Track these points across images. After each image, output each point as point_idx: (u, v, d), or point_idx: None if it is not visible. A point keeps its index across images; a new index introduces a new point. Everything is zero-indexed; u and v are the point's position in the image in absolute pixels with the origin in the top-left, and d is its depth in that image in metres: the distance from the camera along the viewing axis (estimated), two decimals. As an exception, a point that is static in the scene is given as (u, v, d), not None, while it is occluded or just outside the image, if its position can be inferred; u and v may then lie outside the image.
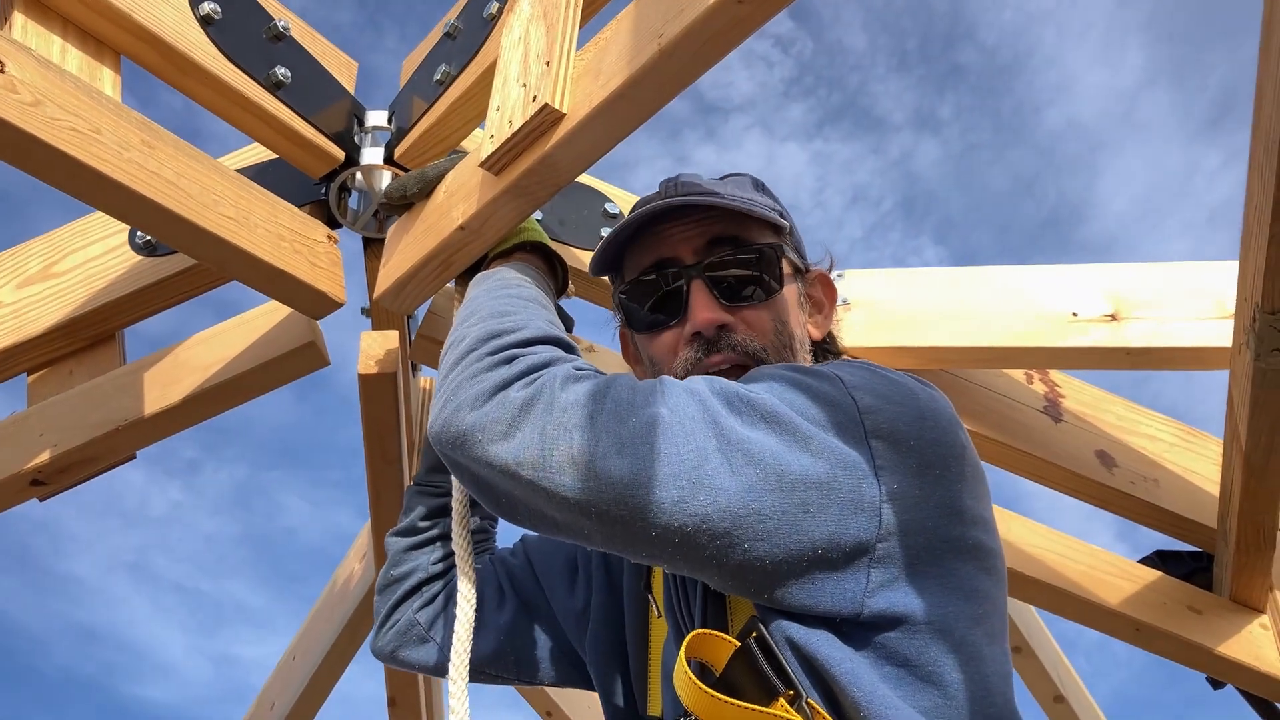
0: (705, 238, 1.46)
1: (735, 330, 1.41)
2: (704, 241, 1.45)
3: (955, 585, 1.16)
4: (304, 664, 2.85)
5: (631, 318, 1.52)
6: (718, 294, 1.42)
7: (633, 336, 1.56)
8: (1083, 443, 2.30)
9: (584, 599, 1.62)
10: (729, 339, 1.40)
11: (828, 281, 1.61)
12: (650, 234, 1.49)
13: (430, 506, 1.73)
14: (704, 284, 1.43)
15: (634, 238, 1.51)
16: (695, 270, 1.43)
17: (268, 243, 1.68)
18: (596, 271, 1.58)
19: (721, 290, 1.43)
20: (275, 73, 1.85)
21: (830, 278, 1.62)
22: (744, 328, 1.42)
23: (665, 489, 1.08)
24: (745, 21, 1.27)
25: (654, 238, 1.48)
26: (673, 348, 1.44)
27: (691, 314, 1.41)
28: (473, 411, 1.18)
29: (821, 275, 1.60)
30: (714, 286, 1.43)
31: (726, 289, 1.43)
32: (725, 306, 1.42)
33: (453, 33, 1.96)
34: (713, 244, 1.45)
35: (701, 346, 1.40)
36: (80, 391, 1.94)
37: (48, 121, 1.40)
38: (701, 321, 1.40)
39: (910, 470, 1.16)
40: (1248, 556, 2.07)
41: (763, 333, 1.42)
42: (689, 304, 1.42)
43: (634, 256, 1.52)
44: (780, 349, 1.44)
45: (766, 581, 1.11)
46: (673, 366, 1.43)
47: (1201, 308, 2.08)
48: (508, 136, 1.47)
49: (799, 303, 1.52)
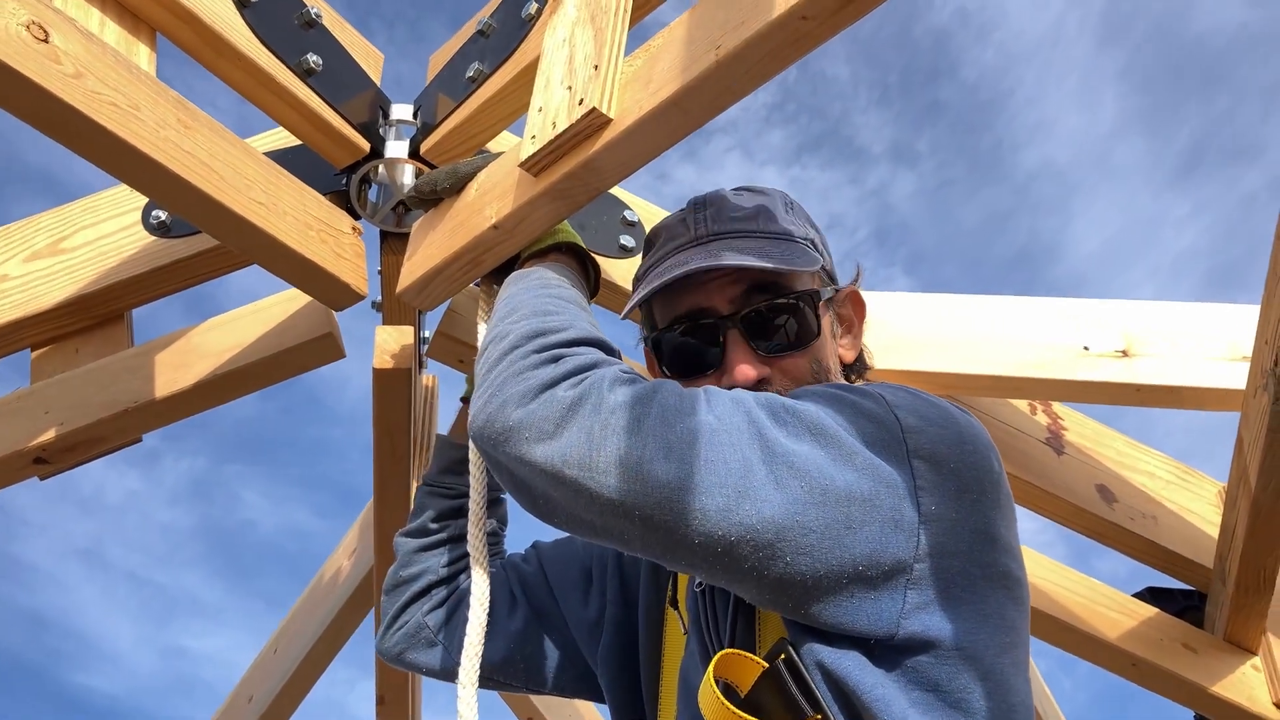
0: (741, 287, 1.42)
1: (773, 382, 1.39)
2: (740, 291, 1.42)
3: (986, 613, 1.15)
4: (285, 658, 2.82)
5: (665, 362, 1.48)
6: (755, 345, 1.40)
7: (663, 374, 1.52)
8: (1084, 476, 2.31)
9: (598, 610, 1.60)
10: (767, 390, 1.37)
11: (858, 299, 1.59)
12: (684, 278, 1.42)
13: (442, 508, 1.71)
14: (741, 335, 1.40)
15: None
16: (731, 322, 1.41)
17: (295, 230, 1.66)
18: (628, 313, 1.54)
19: (758, 341, 1.41)
20: (307, 59, 1.84)
21: (860, 294, 1.60)
22: (781, 378, 1.40)
23: (711, 496, 1.08)
24: (807, 38, 1.27)
25: (688, 282, 1.43)
26: None
27: (729, 368, 1.39)
28: (519, 409, 1.17)
29: (852, 293, 1.58)
30: (751, 338, 1.40)
31: (764, 339, 1.41)
32: (763, 358, 1.40)
33: (486, 31, 1.95)
34: (749, 293, 1.42)
35: None
36: (89, 370, 1.91)
37: (89, 95, 1.37)
38: (740, 379, 1.38)
39: (949, 493, 1.16)
40: (1246, 598, 2.08)
41: (800, 380, 1.40)
42: (726, 357, 1.40)
43: (667, 298, 1.48)
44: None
45: (805, 597, 1.10)
46: None
47: (1213, 349, 2.09)
48: (551, 138, 1.46)
49: (832, 333, 1.50)
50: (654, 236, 1.54)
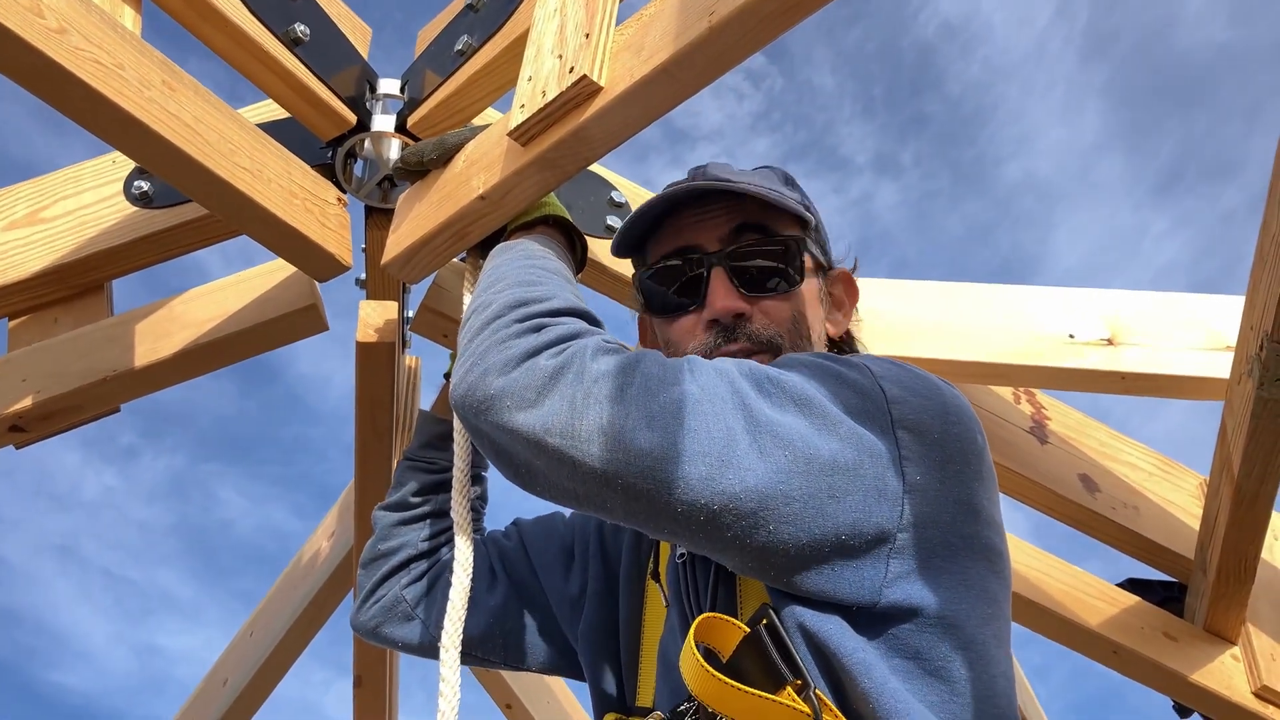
0: (730, 225, 1.45)
1: (752, 319, 1.41)
2: (728, 229, 1.45)
3: (967, 584, 1.16)
4: (261, 640, 2.79)
5: (651, 300, 1.51)
6: (738, 283, 1.42)
7: (651, 320, 1.54)
8: (1067, 465, 2.32)
9: (579, 585, 1.59)
10: (745, 328, 1.40)
11: (850, 281, 1.61)
12: (675, 219, 1.48)
13: (423, 483, 1.70)
14: (725, 272, 1.42)
15: (658, 222, 1.50)
16: (717, 258, 1.43)
17: (280, 198, 1.64)
18: (618, 253, 1.57)
19: (742, 279, 1.42)
20: (294, 29, 1.82)
21: (853, 277, 1.61)
22: (761, 317, 1.41)
23: (694, 465, 1.07)
24: (800, 5, 1.27)
25: (679, 223, 1.48)
26: (690, 332, 1.43)
27: (710, 301, 1.41)
28: (500, 377, 1.16)
29: (844, 274, 1.60)
30: (735, 275, 1.42)
31: (747, 278, 1.43)
32: (745, 296, 1.42)
33: (475, 5, 1.94)
34: (737, 232, 1.44)
35: (719, 333, 1.40)
36: (67, 339, 1.89)
37: (72, 51, 1.36)
38: (720, 309, 1.40)
39: (933, 463, 1.16)
40: (1227, 587, 2.09)
41: (780, 322, 1.42)
42: (709, 290, 1.42)
43: (658, 241, 1.51)
44: (796, 340, 1.43)
45: (788, 565, 1.10)
46: (688, 350, 1.42)
47: (1197, 338, 2.10)
48: (540, 106, 1.45)
49: (819, 298, 1.52)
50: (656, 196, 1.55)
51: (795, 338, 1.43)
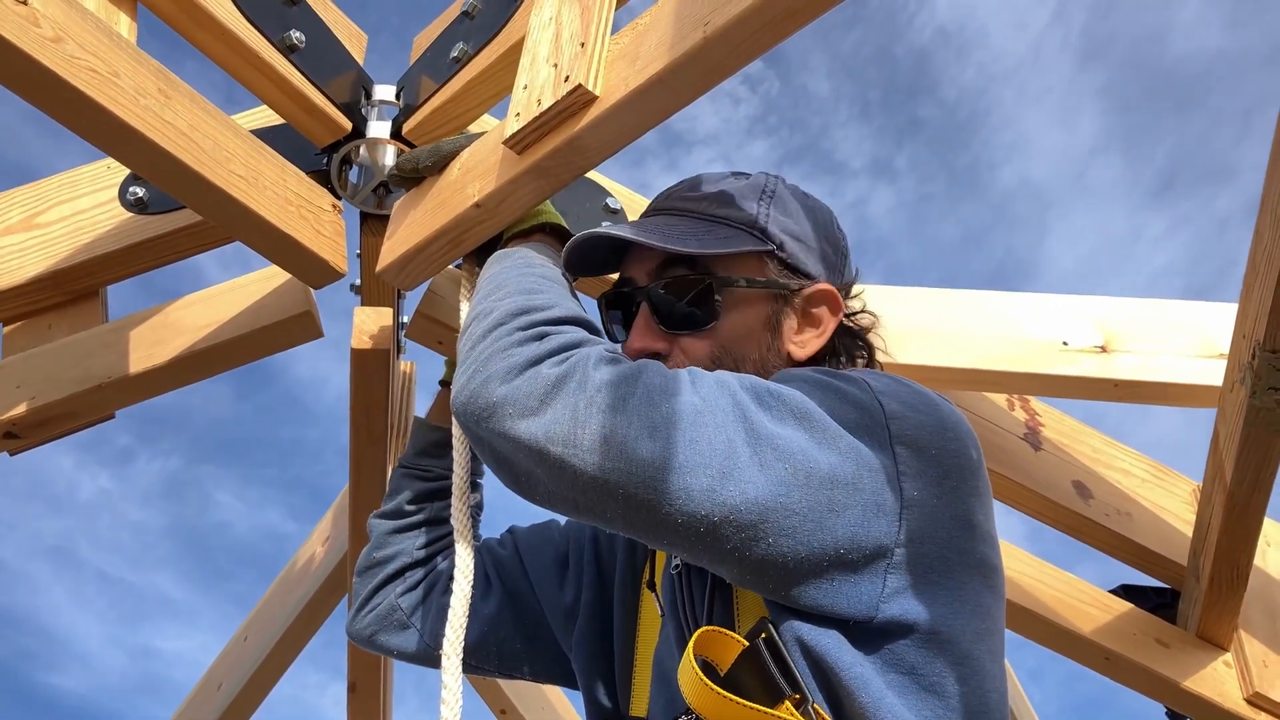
0: (656, 260, 1.43)
1: (671, 358, 1.39)
2: (655, 265, 1.43)
3: (963, 599, 1.16)
4: (256, 645, 2.79)
5: (606, 326, 1.52)
6: (659, 319, 1.41)
7: None
8: (1061, 472, 2.32)
9: (574, 595, 1.59)
10: (666, 365, 1.37)
11: (832, 297, 1.46)
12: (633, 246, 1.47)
13: (418, 490, 1.70)
14: (648, 308, 1.42)
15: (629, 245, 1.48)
16: (643, 293, 1.43)
17: (275, 205, 1.64)
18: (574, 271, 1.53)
19: (663, 316, 1.41)
20: (290, 36, 1.82)
21: (836, 294, 1.47)
22: (680, 355, 1.39)
23: (695, 476, 1.08)
24: (796, 14, 1.26)
25: (631, 251, 1.48)
26: None
27: (631, 340, 1.42)
28: (503, 384, 1.16)
29: (824, 291, 1.46)
30: (657, 311, 1.41)
31: (667, 315, 1.41)
32: (663, 334, 1.40)
33: (471, 11, 1.94)
34: (663, 267, 1.42)
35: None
36: (62, 345, 1.89)
37: (67, 59, 1.36)
38: (635, 349, 1.40)
39: (930, 479, 1.16)
40: (1219, 594, 2.09)
41: (698, 361, 1.38)
42: (633, 327, 1.43)
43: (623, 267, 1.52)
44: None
45: (786, 578, 1.10)
46: None
47: (1190, 345, 2.11)
48: (536, 115, 1.45)
49: (766, 324, 1.42)
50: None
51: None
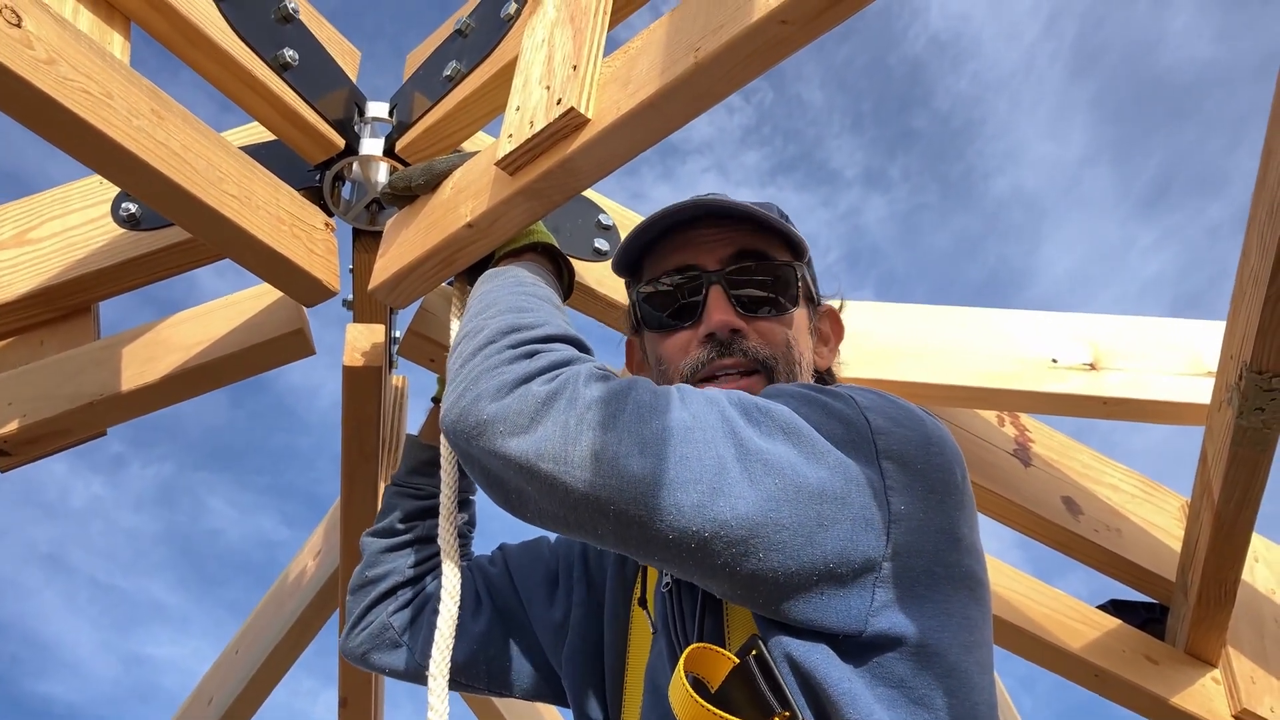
0: (729, 248, 1.48)
1: (748, 337, 1.43)
2: (728, 252, 1.47)
3: (950, 612, 1.17)
4: (247, 659, 2.79)
5: (647, 315, 1.52)
6: (735, 303, 1.44)
7: (643, 340, 1.55)
8: (1050, 488, 2.33)
9: (563, 611, 1.60)
10: (741, 344, 1.42)
11: (836, 318, 1.64)
12: (674, 239, 1.50)
13: (410, 509, 1.70)
14: (723, 290, 1.45)
15: (657, 241, 1.52)
16: (716, 276, 1.45)
17: (268, 224, 1.64)
18: (618, 270, 1.59)
19: (739, 299, 1.45)
20: (283, 54, 1.82)
21: (839, 315, 1.64)
22: (757, 336, 1.44)
23: (685, 492, 1.08)
24: (786, 42, 1.28)
25: (679, 243, 1.50)
26: (684, 347, 1.45)
27: (708, 315, 1.43)
28: (494, 402, 1.17)
29: (832, 311, 1.63)
30: (732, 295, 1.45)
31: (744, 299, 1.45)
32: (741, 315, 1.44)
33: (464, 30, 1.95)
34: (736, 255, 1.47)
35: (715, 348, 1.42)
36: (54, 362, 1.89)
37: (60, 81, 1.36)
38: (717, 322, 1.42)
39: (917, 493, 1.17)
40: (1207, 611, 2.10)
41: (775, 344, 1.44)
42: (706, 306, 1.44)
43: (656, 259, 1.53)
44: (789, 364, 1.45)
45: (776, 593, 1.11)
46: (680, 365, 1.44)
47: (1179, 363, 2.12)
48: (528, 137, 1.46)
49: (809, 328, 1.54)
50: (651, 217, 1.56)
51: (788, 362, 1.45)
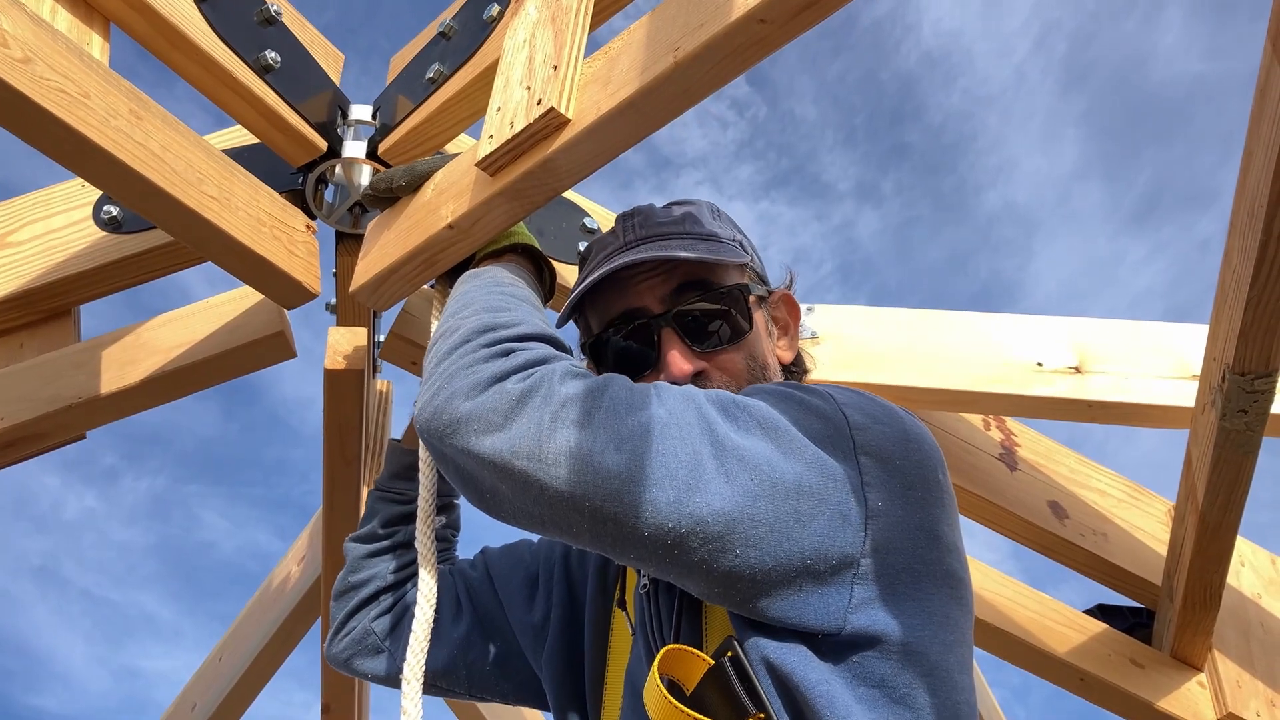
0: (671, 285, 1.43)
1: (710, 377, 1.40)
2: (670, 289, 1.43)
3: (930, 610, 1.16)
4: (230, 665, 2.77)
5: (602, 365, 1.48)
6: (690, 341, 1.41)
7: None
8: (1036, 492, 2.33)
9: (543, 613, 1.59)
10: (704, 385, 1.38)
11: (790, 301, 1.59)
12: (615, 281, 1.45)
13: (391, 514, 1.69)
14: (674, 332, 1.41)
15: (597, 285, 1.46)
16: (665, 319, 1.41)
17: (247, 226, 1.64)
18: (564, 321, 1.54)
19: (693, 337, 1.41)
20: (265, 56, 1.82)
21: (792, 296, 1.60)
22: (718, 374, 1.40)
23: (661, 488, 1.07)
24: (764, 41, 1.27)
25: (620, 284, 1.45)
26: None
27: (666, 366, 1.39)
28: (467, 400, 1.16)
29: (785, 296, 1.59)
30: (685, 334, 1.41)
31: (697, 334, 1.42)
32: (698, 353, 1.41)
33: (448, 32, 1.95)
34: (679, 290, 1.43)
35: None
36: (33, 365, 1.87)
37: (36, 80, 1.35)
38: (677, 373, 1.38)
39: (895, 490, 1.16)
40: (1193, 614, 2.10)
41: (737, 375, 1.41)
42: (662, 354, 1.40)
43: (599, 304, 1.48)
44: (755, 380, 1.43)
45: (753, 590, 1.10)
46: None
47: (1164, 367, 2.12)
48: (509, 137, 1.46)
49: (767, 331, 1.51)
50: (588, 252, 1.55)
51: (753, 379, 1.42)
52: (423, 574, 1.48)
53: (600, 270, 1.41)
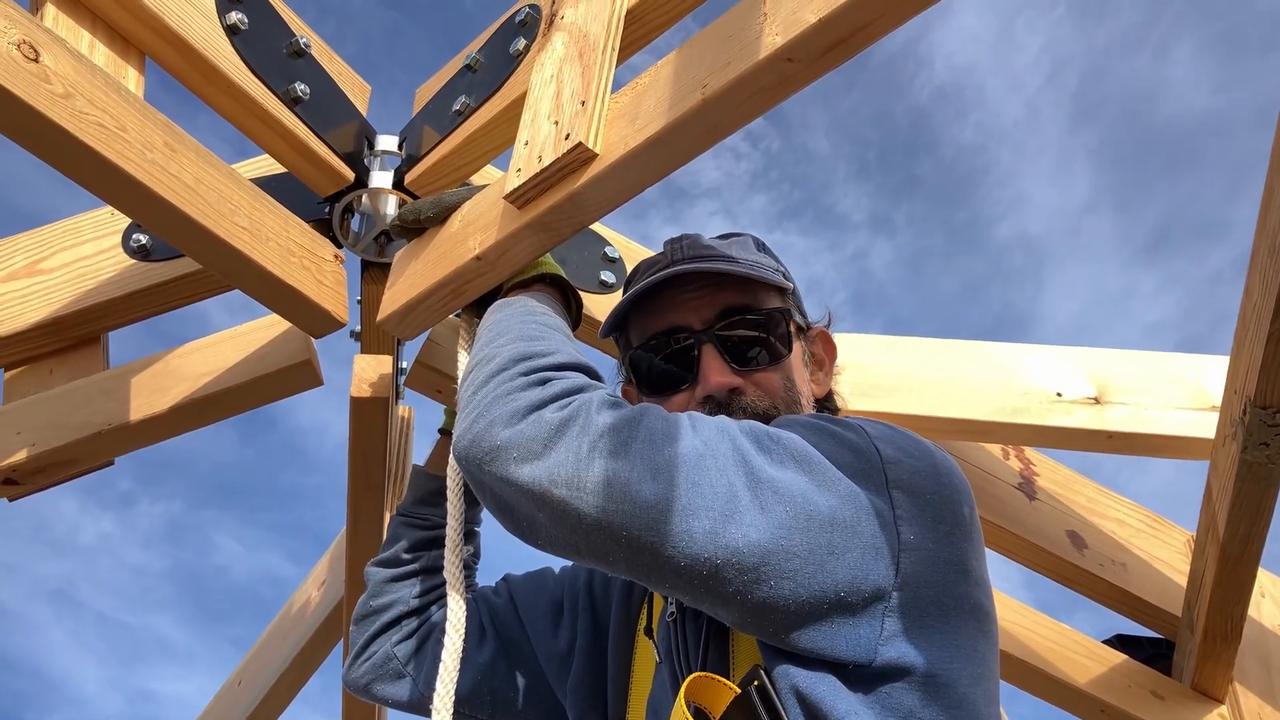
0: (715, 303, 1.47)
1: (746, 393, 1.42)
2: (714, 310, 1.47)
3: (958, 643, 1.17)
4: (250, 690, 2.78)
5: (642, 379, 1.51)
6: (729, 358, 1.44)
7: (640, 397, 1.55)
8: (1055, 522, 2.33)
9: (568, 641, 1.60)
10: (740, 401, 1.42)
11: (828, 339, 1.64)
12: (659, 298, 1.49)
13: (415, 539, 1.71)
14: (715, 348, 1.44)
15: (640, 301, 1.51)
16: (706, 335, 1.45)
17: (278, 256, 1.66)
18: (605, 333, 1.58)
19: (732, 355, 1.44)
20: (294, 88, 1.85)
21: (830, 335, 1.64)
22: (754, 389, 1.43)
23: (697, 519, 1.09)
24: (792, 80, 1.29)
25: (663, 302, 1.49)
26: (684, 409, 1.44)
27: (704, 377, 1.42)
28: (507, 428, 1.17)
29: (822, 333, 1.63)
30: (725, 351, 1.44)
31: (737, 354, 1.45)
32: (736, 370, 1.43)
33: (474, 65, 1.97)
34: (723, 312, 1.46)
35: (714, 409, 1.41)
36: (63, 392, 1.90)
37: (76, 115, 1.38)
38: (714, 385, 1.41)
39: (926, 523, 1.18)
40: (1214, 646, 2.09)
41: (773, 393, 1.44)
42: (700, 368, 1.43)
43: (642, 320, 1.52)
44: (789, 407, 1.45)
45: (786, 622, 1.11)
46: None
47: (1182, 398, 2.12)
48: (536, 171, 1.48)
49: (803, 361, 1.54)
50: (634, 271, 1.58)
51: (789, 405, 1.45)
52: (452, 602, 1.48)
53: (647, 280, 1.45)
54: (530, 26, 1.88)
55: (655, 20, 1.66)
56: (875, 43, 1.25)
